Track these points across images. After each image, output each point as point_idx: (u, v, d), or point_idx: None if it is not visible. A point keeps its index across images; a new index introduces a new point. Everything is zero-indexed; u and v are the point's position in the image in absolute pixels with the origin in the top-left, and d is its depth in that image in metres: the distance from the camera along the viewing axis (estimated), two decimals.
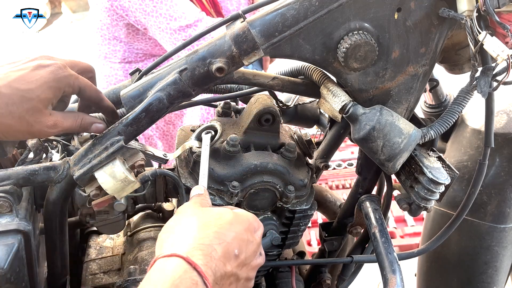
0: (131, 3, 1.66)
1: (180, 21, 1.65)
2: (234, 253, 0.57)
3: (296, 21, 0.68)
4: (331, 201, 1.13)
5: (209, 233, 0.56)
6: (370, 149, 0.75)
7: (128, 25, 1.79)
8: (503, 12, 0.66)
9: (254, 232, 0.62)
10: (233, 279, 0.57)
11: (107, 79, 1.96)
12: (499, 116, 1.04)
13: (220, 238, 0.56)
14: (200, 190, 0.68)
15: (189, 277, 0.51)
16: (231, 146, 0.80)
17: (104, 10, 1.76)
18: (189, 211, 0.62)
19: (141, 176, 0.80)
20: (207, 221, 0.58)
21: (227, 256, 0.56)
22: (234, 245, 0.57)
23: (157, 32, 1.70)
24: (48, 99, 0.69)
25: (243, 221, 0.61)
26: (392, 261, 0.78)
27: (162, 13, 1.64)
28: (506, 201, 1.05)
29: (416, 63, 0.74)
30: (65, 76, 0.71)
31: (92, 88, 0.76)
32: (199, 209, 0.62)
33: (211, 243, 0.55)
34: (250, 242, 0.61)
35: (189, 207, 0.63)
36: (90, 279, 1.03)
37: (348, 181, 2.65)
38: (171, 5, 1.64)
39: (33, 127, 0.68)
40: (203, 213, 0.60)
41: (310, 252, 1.53)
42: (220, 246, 0.56)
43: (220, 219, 0.59)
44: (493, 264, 1.11)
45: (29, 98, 0.67)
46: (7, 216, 0.70)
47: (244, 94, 0.99)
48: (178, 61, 0.73)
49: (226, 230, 0.58)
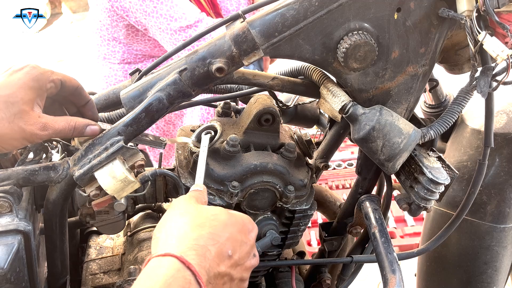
0: (131, 4, 1.66)
1: (181, 21, 1.65)
2: (228, 253, 0.58)
3: (296, 21, 0.68)
4: (331, 201, 1.13)
5: (204, 233, 0.57)
6: (370, 149, 0.76)
7: (128, 26, 1.79)
8: (503, 12, 0.66)
9: (248, 234, 0.63)
10: (227, 279, 0.58)
11: (106, 80, 1.96)
12: (499, 116, 1.04)
13: (214, 239, 0.57)
14: (199, 187, 0.69)
15: (182, 276, 0.52)
16: (231, 146, 0.80)
17: (104, 11, 1.76)
18: (183, 207, 0.62)
19: (141, 176, 0.80)
20: (201, 222, 0.58)
21: (220, 257, 0.57)
22: (228, 246, 0.58)
23: (158, 33, 1.70)
24: (31, 100, 0.69)
25: (237, 222, 0.61)
26: (392, 261, 0.78)
27: (162, 13, 1.65)
28: (505, 201, 1.05)
29: (416, 63, 0.74)
30: (41, 73, 0.71)
31: (71, 78, 0.76)
32: (194, 206, 0.62)
33: (205, 243, 0.56)
34: (244, 243, 0.61)
35: (184, 202, 0.63)
36: (90, 279, 1.03)
37: (348, 181, 2.65)
38: (172, 5, 1.64)
39: (25, 131, 0.68)
40: (198, 212, 0.60)
41: (310, 252, 1.53)
42: (214, 247, 0.56)
43: (215, 220, 0.59)
44: (493, 264, 1.11)
45: (13, 102, 0.67)
46: (7, 216, 0.70)
47: (244, 94, 0.99)
48: (178, 61, 0.73)
49: (220, 231, 0.58)
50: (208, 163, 0.80)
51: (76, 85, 0.77)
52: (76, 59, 4.78)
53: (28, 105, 0.68)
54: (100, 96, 0.90)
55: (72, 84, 0.76)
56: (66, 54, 5.04)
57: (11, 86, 0.68)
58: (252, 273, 0.98)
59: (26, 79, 0.69)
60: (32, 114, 0.69)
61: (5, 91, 0.67)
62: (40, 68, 0.72)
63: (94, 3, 1.81)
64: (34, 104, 0.69)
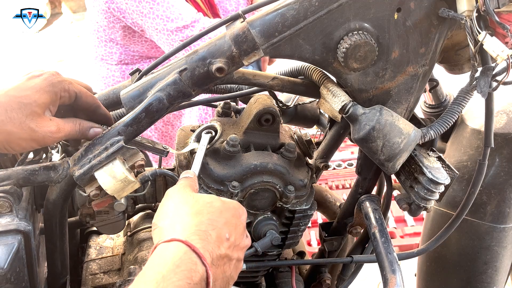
0: (128, 5, 1.67)
1: (177, 22, 1.66)
2: (226, 236, 0.62)
3: (296, 21, 0.68)
4: (331, 201, 1.13)
5: (203, 220, 0.61)
6: (370, 149, 0.76)
7: (125, 27, 1.80)
8: (503, 12, 0.66)
9: (240, 217, 0.68)
10: (226, 260, 0.62)
11: (104, 81, 1.96)
12: (499, 116, 1.04)
13: (213, 224, 0.62)
14: (190, 174, 0.72)
15: (188, 258, 0.56)
16: (231, 146, 0.80)
17: (101, 12, 1.77)
18: (180, 197, 0.66)
19: (141, 176, 0.80)
20: (199, 209, 0.63)
21: (220, 240, 0.61)
22: (225, 230, 0.63)
23: (154, 34, 1.71)
24: (45, 104, 0.71)
25: (230, 208, 0.66)
26: (392, 261, 0.78)
27: (158, 14, 1.65)
28: (505, 201, 1.05)
29: (416, 63, 0.74)
30: (59, 81, 0.73)
31: (88, 94, 0.78)
32: (191, 195, 0.66)
33: (206, 229, 0.61)
34: (238, 226, 0.66)
35: (178, 191, 0.67)
36: (90, 279, 1.03)
37: (348, 181, 2.65)
38: (168, 6, 1.65)
39: (36, 133, 0.70)
40: (195, 200, 0.64)
41: (310, 252, 1.53)
42: (214, 231, 0.61)
43: (211, 207, 0.64)
44: (493, 264, 1.11)
45: (27, 103, 0.69)
46: (7, 216, 0.70)
47: (244, 94, 0.99)
48: (178, 61, 0.73)
49: (217, 216, 0.63)
50: (208, 163, 0.81)
51: (92, 103, 0.79)
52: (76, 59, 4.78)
53: (41, 108, 0.70)
54: (100, 96, 0.90)
55: (87, 100, 0.78)
56: (66, 54, 5.04)
57: (27, 89, 0.70)
58: (252, 273, 0.99)
59: (43, 84, 0.71)
60: (44, 117, 0.71)
61: (21, 93, 0.69)
62: (59, 76, 0.74)
63: (91, 5, 1.82)
64: (46, 108, 0.72)
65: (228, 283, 0.63)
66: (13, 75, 0.82)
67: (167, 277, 0.53)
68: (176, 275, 0.53)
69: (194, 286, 0.54)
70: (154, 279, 0.53)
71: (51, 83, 0.72)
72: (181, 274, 0.54)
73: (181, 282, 0.53)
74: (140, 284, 0.54)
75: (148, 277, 0.54)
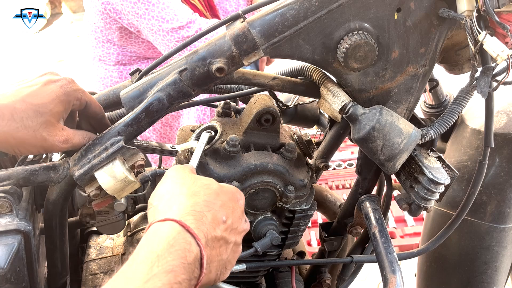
0: (123, 6, 1.68)
1: (173, 23, 1.66)
2: (222, 219, 0.62)
3: (296, 21, 0.68)
4: (331, 201, 1.13)
5: (199, 201, 0.61)
6: (370, 149, 0.76)
7: (121, 28, 1.80)
8: (503, 12, 0.66)
9: (237, 201, 0.68)
10: (223, 242, 0.62)
11: (102, 81, 1.97)
12: (499, 116, 1.04)
13: (209, 206, 0.62)
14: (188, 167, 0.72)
15: (183, 238, 0.56)
16: (231, 146, 0.80)
17: (97, 14, 1.77)
18: (179, 176, 0.66)
19: (141, 176, 0.80)
20: (196, 190, 0.63)
21: (216, 222, 0.61)
22: (221, 212, 0.63)
23: (150, 34, 1.72)
24: (59, 113, 0.72)
25: (227, 192, 0.67)
26: (392, 261, 0.78)
27: (154, 15, 1.66)
28: (505, 201, 1.05)
29: (416, 63, 0.74)
30: (74, 90, 0.74)
31: (97, 104, 0.79)
32: (189, 176, 0.66)
33: (201, 210, 0.60)
34: (235, 210, 0.66)
35: (178, 171, 0.67)
36: (90, 279, 1.03)
37: (348, 181, 2.65)
38: (163, 7, 1.66)
39: (47, 142, 0.71)
40: (192, 181, 0.64)
41: (310, 252, 1.53)
42: (209, 213, 0.61)
43: (208, 189, 0.64)
44: (493, 264, 1.11)
45: (43, 112, 0.69)
46: (7, 216, 0.70)
47: (244, 94, 0.99)
48: (178, 61, 0.73)
49: (214, 199, 0.63)
50: (208, 163, 0.81)
51: (99, 112, 0.80)
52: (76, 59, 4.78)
53: (55, 117, 0.71)
54: (100, 96, 0.90)
55: (95, 110, 0.79)
56: (66, 54, 5.04)
57: (44, 96, 0.70)
58: (252, 273, 0.99)
59: (59, 93, 0.72)
60: (57, 126, 0.72)
61: (38, 100, 0.70)
62: (75, 84, 0.75)
63: (88, 6, 1.82)
64: (60, 117, 0.72)
65: (225, 267, 0.63)
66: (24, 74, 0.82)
67: (162, 257, 0.53)
68: (171, 254, 0.54)
69: (188, 266, 0.54)
70: (149, 259, 0.53)
71: (66, 91, 0.72)
72: (176, 253, 0.54)
73: (175, 261, 0.53)
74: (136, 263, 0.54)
75: (143, 256, 0.54)
